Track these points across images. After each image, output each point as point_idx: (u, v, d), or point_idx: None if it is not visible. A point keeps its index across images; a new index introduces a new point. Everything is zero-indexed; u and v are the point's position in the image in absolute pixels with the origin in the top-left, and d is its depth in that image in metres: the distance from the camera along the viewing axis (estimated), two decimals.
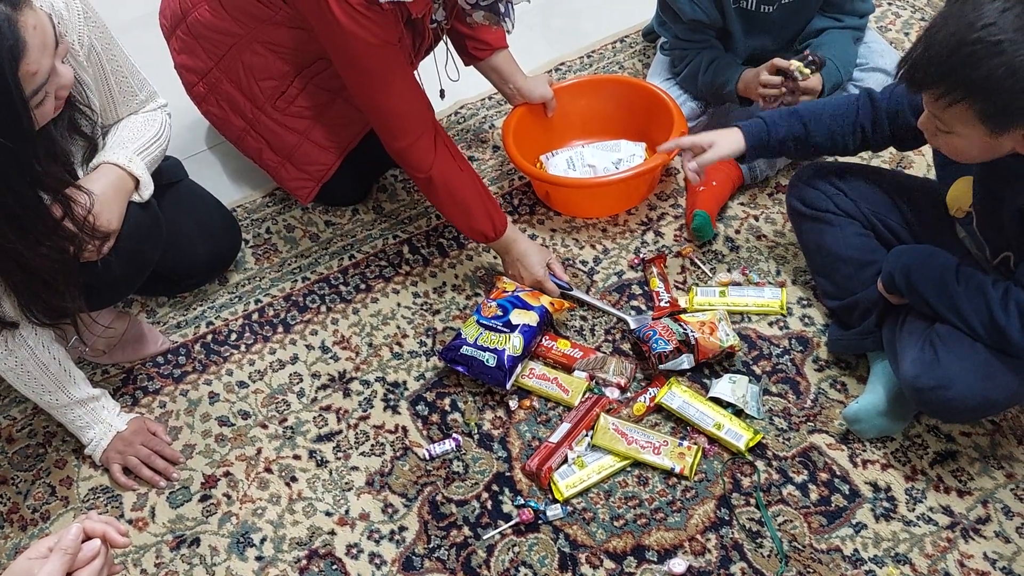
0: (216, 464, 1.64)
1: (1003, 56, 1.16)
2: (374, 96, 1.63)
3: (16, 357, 1.47)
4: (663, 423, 1.61)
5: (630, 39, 2.38)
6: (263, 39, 1.72)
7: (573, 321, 1.79)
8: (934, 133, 1.32)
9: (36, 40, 1.16)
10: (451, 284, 1.89)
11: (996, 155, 1.29)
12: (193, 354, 1.81)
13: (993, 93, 1.19)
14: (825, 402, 1.61)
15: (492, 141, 2.18)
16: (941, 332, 1.42)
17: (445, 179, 1.70)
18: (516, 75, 1.97)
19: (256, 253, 1.99)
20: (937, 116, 1.28)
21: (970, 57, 1.17)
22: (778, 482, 1.52)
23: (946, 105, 1.23)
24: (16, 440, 1.71)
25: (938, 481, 1.50)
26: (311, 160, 1.87)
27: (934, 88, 1.24)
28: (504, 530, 1.50)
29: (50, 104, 1.23)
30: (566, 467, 1.55)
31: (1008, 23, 1.16)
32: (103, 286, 1.48)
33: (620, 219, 1.97)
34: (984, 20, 1.17)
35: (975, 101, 1.21)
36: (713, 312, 1.69)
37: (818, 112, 1.62)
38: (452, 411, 1.67)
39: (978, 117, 1.22)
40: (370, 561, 1.50)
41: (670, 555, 1.45)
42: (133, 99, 1.56)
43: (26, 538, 1.57)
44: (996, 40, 1.16)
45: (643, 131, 2.05)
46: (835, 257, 1.64)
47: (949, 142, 1.31)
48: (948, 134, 1.29)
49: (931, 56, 1.21)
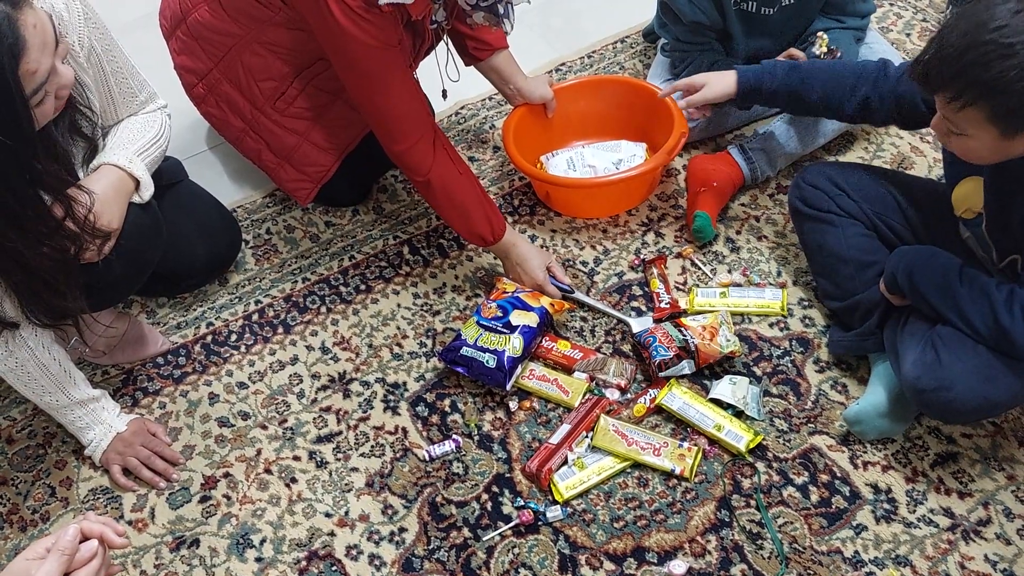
0: (216, 465, 1.64)
1: (1015, 58, 1.16)
2: (373, 98, 1.63)
3: (16, 358, 1.47)
4: (663, 424, 1.61)
5: (630, 39, 2.38)
6: (263, 40, 1.72)
7: (573, 322, 1.79)
8: (946, 134, 1.32)
9: (36, 39, 1.16)
10: (451, 285, 1.88)
11: (1009, 157, 1.29)
12: (193, 355, 1.81)
13: (1005, 95, 1.19)
14: (826, 403, 1.61)
15: (492, 141, 2.18)
16: (943, 333, 1.42)
17: (443, 182, 1.70)
18: (516, 75, 1.97)
19: (256, 254, 1.99)
20: (949, 119, 1.28)
21: (982, 59, 1.18)
22: (778, 483, 1.51)
23: (959, 108, 1.23)
24: (16, 441, 1.71)
25: (939, 483, 1.50)
26: (310, 161, 1.87)
27: (946, 90, 1.24)
28: (504, 531, 1.50)
29: (50, 104, 1.23)
30: (566, 468, 1.55)
31: (1020, 25, 1.16)
32: (103, 286, 1.48)
33: (620, 220, 1.97)
34: (996, 22, 1.17)
35: (987, 103, 1.21)
36: (715, 316, 1.69)
37: (819, 70, 1.62)
38: (452, 412, 1.67)
39: (990, 119, 1.22)
40: (370, 562, 1.49)
41: (670, 557, 1.45)
42: (133, 100, 1.56)
43: (26, 539, 1.57)
44: (1008, 42, 1.16)
45: (643, 131, 2.05)
46: (836, 258, 1.63)
47: (961, 144, 1.31)
48: (960, 136, 1.29)
49: (943, 57, 1.22)
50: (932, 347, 1.41)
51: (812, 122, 1.93)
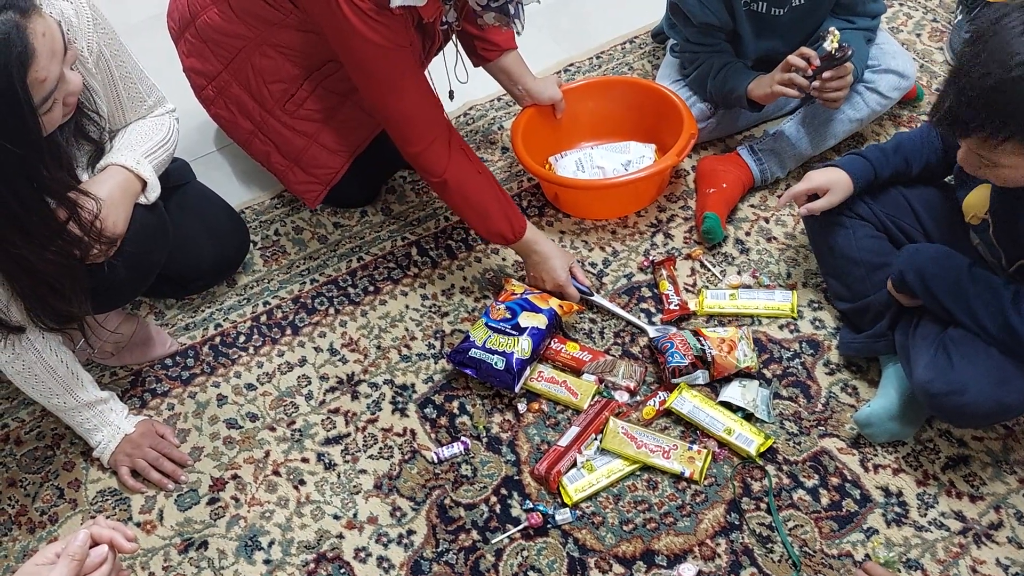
0: (224, 467, 1.64)
1: None
2: (386, 100, 1.62)
3: (23, 361, 1.47)
4: (672, 427, 1.60)
5: (639, 40, 2.37)
6: (273, 42, 1.72)
7: (582, 324, 1.78)
8: (977, 167, 1.31)
9: (45, 47, 1.15)
10: (459, 286, 1.88)
11: None
12: (201, 356, 1.81)
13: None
14: (836, 406, 1.60)
15: (501, 142, 2.17)
16: (955, 336, 1.41)
17: (460, 182, 1.69)
18: (525, 76, 1.96)
19: (264, 255, 1.99)
20: (983, 155, 1.27)
21: (1014, 95, 1.17)
22: (789, 486, 1.51)
23: (995, 145, 1.23)
24: (24, 442, 1.71)
25: (950, 486, 1.49)
26: (319, 163, 1.87)
27: (981, 131, 1.23)
28: (513, 534, 1.50)
29: (58, 111, 1.23)
30: (575, 471, 1.54)
31: None
32: (109, 289, 1.48)
33: (629, 221, 1.96)
34: (1019, 57, 1.16)
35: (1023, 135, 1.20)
36: (736, 330, 1.67)
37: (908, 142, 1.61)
38: (460, 414, 1.67)
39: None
40: (378, 565, 1.49)
41: (680, 560, 1.44)
42: (141, 105, 1.56)
43: (34, 540, 1.57)
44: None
45: (653, 132, 2.04)
46: (847, 259, 1.63)
47: (996, 173, 1.30)
48: (995, 167, 1.29)
49: (970, 101, 1.21)
50: (944, 350, 1.40)
51: (822, 122, 1.92)
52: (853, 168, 1.61)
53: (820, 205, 1.61)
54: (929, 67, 2.19)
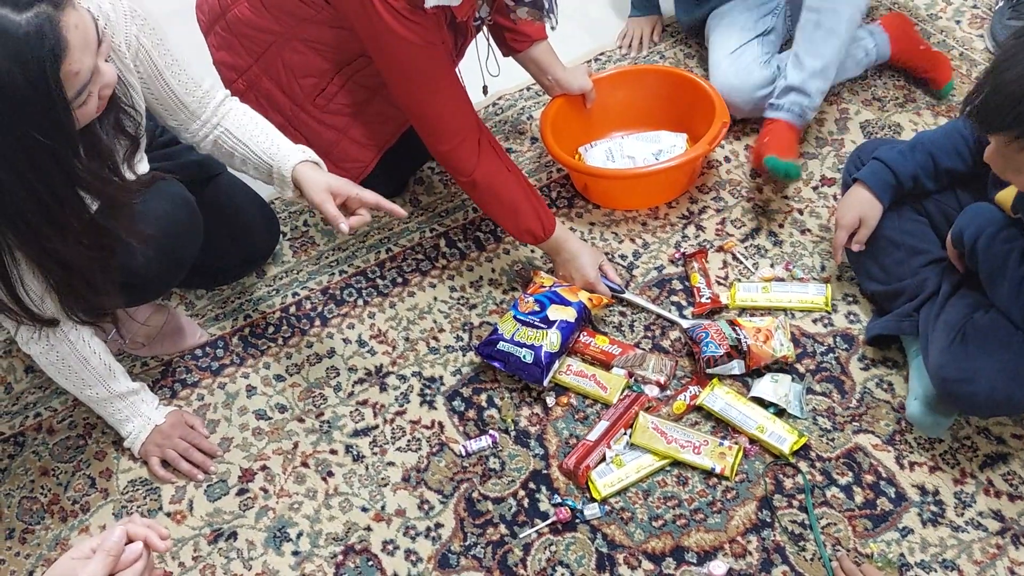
0: (253, 457, 1.64)
1: None
2: (417, 98, 1.61)
3: (58, 352, 1.48)
4: (703, 422, 1.58)
5: (670, 28, 2.34)
6: (303, 37, 1.71)
7: (612, 317, 1.77)
8: (1003, 169, 1.29)
9: (78, 39, 1.15)
10: (488, 278, 1.87)
11: None
12: (231, 347, 1.82)
13: None
14: (871, 402, 1.57)
15: (530, 132, 2.16)
16: (978, 324, 1.40)
17: (489, 182, 1.68)
18: (555, 66, 1.94)
19: (294, 246, 1.99)
20: (1008, 156, 1.25)
21: None
22: (822, 484, 1.48)
23: (1020, 148, 1.20)
24: (57, 431, 1.73)
25: (988, 485, 1.46)
26: (349, 157, 1.86)
27: (1008, 131, 1.20)
28: (541, 529, 1.49)
29: (93, 103, 1.22)
30: (604, 466, 1.53)
31: None
32: (142, 283, 1.49)
33: (660, 212, 1.94)
34: None
35: None
36: (773, 319, 1.65)
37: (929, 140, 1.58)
38: (488, 407, 1.66)
39: None
40: (406, 558, 1.49)
41: (710, 557, 1.43)
42: (197, 89, 1.52)
43: (66, 529, 1.59)
44: None
45: (684, 121, 2.02)
46: (888, 240, 1.60)
47: (1020, 180, 1.28)
48: (1018, 173, 1.26)
49: (1002, 99, 1.18)
50: (962, 337, 1.40)
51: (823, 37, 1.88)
52: (873, 182, 1.59)
53: (863, 235, 1.61)
54: (969, 55, 2.14)
